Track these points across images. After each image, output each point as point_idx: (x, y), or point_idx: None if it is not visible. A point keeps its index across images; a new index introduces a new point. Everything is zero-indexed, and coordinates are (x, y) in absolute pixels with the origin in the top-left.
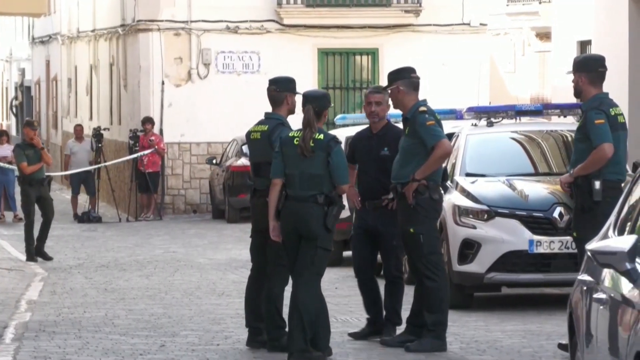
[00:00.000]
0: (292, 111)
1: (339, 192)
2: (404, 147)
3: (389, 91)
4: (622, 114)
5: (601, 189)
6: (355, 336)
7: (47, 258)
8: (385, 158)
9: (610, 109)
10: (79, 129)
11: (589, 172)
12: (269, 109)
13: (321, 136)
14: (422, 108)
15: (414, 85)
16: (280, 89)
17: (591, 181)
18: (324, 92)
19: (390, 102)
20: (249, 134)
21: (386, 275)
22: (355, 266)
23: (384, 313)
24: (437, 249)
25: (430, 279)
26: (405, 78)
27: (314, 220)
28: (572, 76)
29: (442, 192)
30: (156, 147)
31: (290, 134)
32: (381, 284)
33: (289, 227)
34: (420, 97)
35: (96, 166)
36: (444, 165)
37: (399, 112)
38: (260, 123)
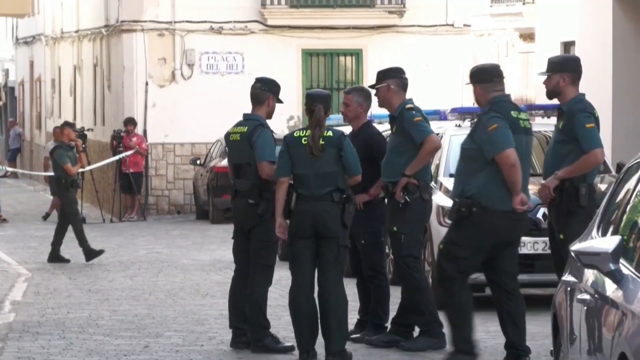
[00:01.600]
0: (270, 115)
1: (353, 182)
2: (392, 146)
3: (377, 89)
4: (598, 115)
5: (587, 193)
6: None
7: (64, 260)
8: None
9: (594, 111)
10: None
11: (575, 175)
12: (255, 108)
13: (330, 133)
14: (409, 105)
15: (404, 85)
16: (265, 89)
17: (577, 186)
18: (328, 92)
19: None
20: (228, 135)
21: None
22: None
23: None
24: (416, 252)
25: (406, 280)
26: (396, 77)
27: (332, 219)
28: (544, 77)
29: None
30: (137, 147)
31: (295, 134)
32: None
33: (304, 227)
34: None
35: (79, 170)
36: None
37: (385, 112)
38: (239, 124)
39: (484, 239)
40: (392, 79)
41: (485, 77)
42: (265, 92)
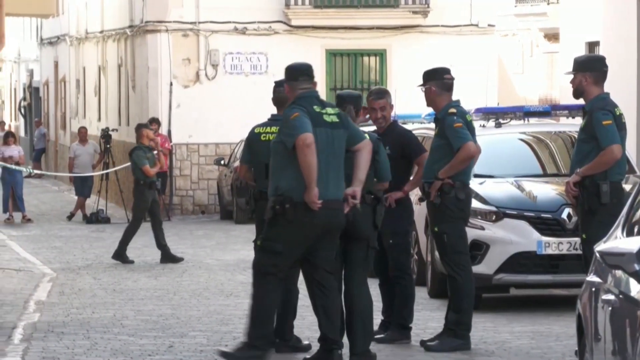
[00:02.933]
0: None
1: (382, 187)
2: (433, 147)
3: (423, 90)
4: (623, 114)
5: (608, 191)
6: (381, 340)
7: (128, 261)
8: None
9: (615, 109)
10: (83, 131)
11: (595, 172)
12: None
13: (366, 136)
14: (452, 110)
15: (447, 86)
16: (281, 90)
17: (598, 183)
18: (359, 93)
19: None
20: (257, 135)
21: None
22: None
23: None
24: (462, 248)
25: (453, 278)
26: (438, 79)
27: (363, 221)
28: (571, 76)
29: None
30: (161, 148)
31: None
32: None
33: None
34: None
35: (104, 171)
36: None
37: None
38: (270, 125)
39: (298, 234)
40: (434, 80)
41: (292, 76)
42: (282, 92)
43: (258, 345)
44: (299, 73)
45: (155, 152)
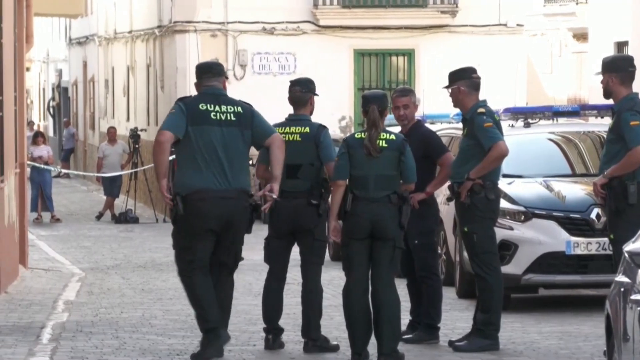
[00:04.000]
0: (312, 112)
1: (409, 189)
2: (462, 147)
3: (450, 91)
4: None
5: (636, 191)
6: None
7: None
8: None
9: None
10: (112, 131)
11: (623, 173)
12: (301, 110)
13: (393, 136)
14: (481, 109)
15: (475, 85)
16: (305, 90)
17: (626, 184)
18: (383, 92)
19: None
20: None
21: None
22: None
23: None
24: (491, 248)
25: (482, 278)
26: (466, 78)
27: (390, 221)
28: (601, 77)
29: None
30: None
31: (356, 136)
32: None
33: (361, 229)
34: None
35: (132, 170)
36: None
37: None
38: (294, 125)
39: (193, 224)
40: (462, 80)
41: (197, 74)
42: (305, 93)
43: (207, 327)
44: (202, 71)
45: None
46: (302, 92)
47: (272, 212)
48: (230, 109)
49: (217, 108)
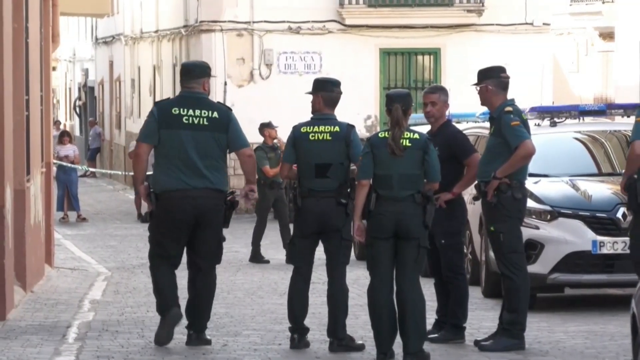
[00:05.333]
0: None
1: (433, 188)
2: (489, 146)
3: (478, 89)
4: None
5: None
6: (435, 340)
7: (263, 261)
8: None
9: None
10: None
11: (629, 171)
12: (331, 109)
13: (417, 135)
14: (508, 108)
15: (503, 84)
16: (340, 91)
17: (636, 183)
18: (407, 91)
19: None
20: (305, 134)
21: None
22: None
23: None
24: (518, 248)
25: (508, 277)
26: (494, 77)
27: (414, 221)
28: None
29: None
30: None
31: (380, 135)
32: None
33: (385, 228)
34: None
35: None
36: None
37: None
38: (324, 124)
39: (163, 220)
40: (491, 79)
41: (180, 77)
42: (340, 93)
43: (161, 309)
44: (183, 73)
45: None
46: (339, 93)
47: (299, 211)
48: (205, 113)
49: (190, 112)
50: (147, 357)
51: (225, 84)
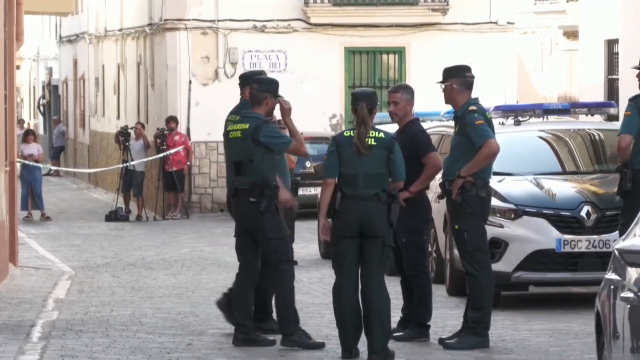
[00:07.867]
0: (270, 112)
1: (398, 187)
2: (453, 145)
3: (442, 87)
4: None
5: (628, 179)
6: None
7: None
8: None
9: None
10: (138, 127)
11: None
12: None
13: (382, 134)
14: (472, 107)
15: (468, 84)
16: (262, 89)
17: (622, 171)
18: (373, 90)
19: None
20: (226, 133)
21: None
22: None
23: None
24: (482, 246)
25: (473, 276)
26: (459, 76)
27: (379, 219)
28: (635, 71)
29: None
30: (184, 146)
31: (345, 134)
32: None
33: (350, 226)
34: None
35: (121, 165)
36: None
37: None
38: (238, 122)
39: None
40: (456, 77)
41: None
42: (262, 92)
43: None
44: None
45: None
46: (258, 90)
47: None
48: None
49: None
50: (111, 356)
51: (190, 82)
